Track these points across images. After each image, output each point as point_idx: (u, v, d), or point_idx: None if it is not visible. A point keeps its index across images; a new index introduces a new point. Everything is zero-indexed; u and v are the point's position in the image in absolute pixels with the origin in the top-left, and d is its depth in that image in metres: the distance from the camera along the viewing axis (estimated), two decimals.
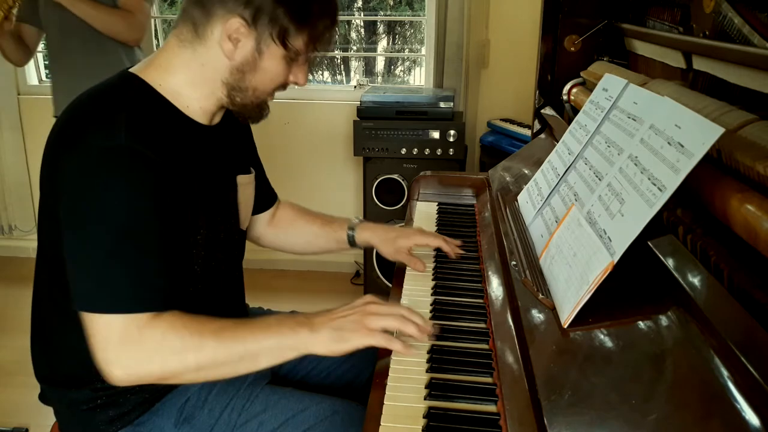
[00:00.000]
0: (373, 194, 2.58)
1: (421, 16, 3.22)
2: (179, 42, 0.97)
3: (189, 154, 0.98)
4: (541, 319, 0.89)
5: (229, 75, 0.97)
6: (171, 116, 0.97)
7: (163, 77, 0.97)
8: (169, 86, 0.97)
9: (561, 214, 1.04)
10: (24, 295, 1.06)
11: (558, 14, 1.60)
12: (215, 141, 1.05)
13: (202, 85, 0.98)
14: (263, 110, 1.04)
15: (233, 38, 0.93)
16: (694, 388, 0.63)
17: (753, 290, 0.65)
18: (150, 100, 0.96)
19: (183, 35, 0.96)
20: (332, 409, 1.04)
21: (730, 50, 0.95)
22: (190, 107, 0.99)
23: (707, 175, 0.79)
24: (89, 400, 1.02)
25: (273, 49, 0.95)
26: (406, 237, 1.26)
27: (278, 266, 3.05)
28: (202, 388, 1.07)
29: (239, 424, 1.04)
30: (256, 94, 1.00)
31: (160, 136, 0.93)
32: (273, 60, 0.96)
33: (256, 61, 0.95)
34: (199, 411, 1.05)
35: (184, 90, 0.98)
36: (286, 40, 0.94)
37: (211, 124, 1.04)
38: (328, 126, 2.97)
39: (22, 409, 2.10)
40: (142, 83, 0.96)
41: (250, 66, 0.96)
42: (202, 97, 0.99)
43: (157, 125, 0.94)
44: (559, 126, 1.48)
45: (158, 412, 1.05)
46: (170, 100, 0.97)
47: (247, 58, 0.95)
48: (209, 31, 0.94)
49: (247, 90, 0.98)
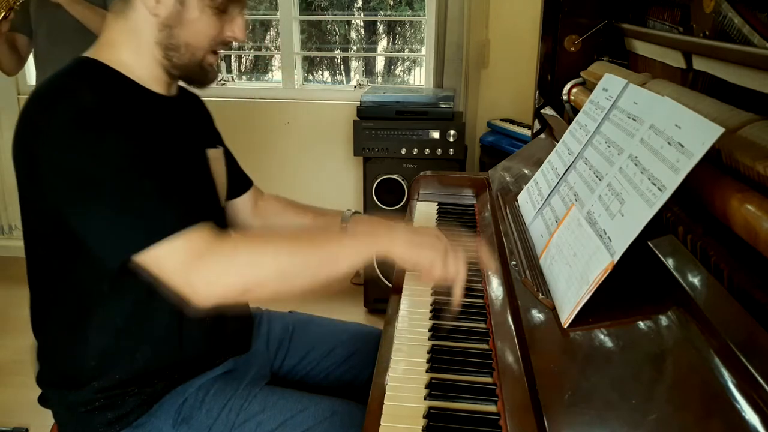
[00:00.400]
0: (373, 194, 2.58)
1: (421, 16, 3.22)
2: (114, 15, 0.98)
3: (155, 124, 0.98)
4: (541, 319, 0.89)
5: (159, 33, 0.96)
6: (130, 89, 0.97)
7: (111, 53, 0.98)
8: (119, 60, 0.97)
9: (561, 214, 1.04)
10: (24, 295, 1.07)
11: (558, 14, 1.60)
12: (177, 112, 1.05)
13: (141, 51, 0.98)
14: (207, 72, 1.03)
15: None
16: (694, 388, 0.63)
17: (753, 290, 0.65)
18: (108, 77, 0.96)
19: (116, 6, 0.98)
20: (331, 410, 1.04)
21: (730, 50, 0.95)
22: (143, 78, 0.99)
23: (707, 175, 0.79)
24: (88, 401, 1.02)
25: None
26: None
27: None
28: (200, 389, 1.06)
29: (237, 424, 1.03)
30: (191, 50, 0.98)
31: (124, 101, 0.93)
32: (197, 10, 0.96)
33: (181, 14, 0.95)
34: (197, 411, 1.04)
35: (130, 62, 0.98)
36: None
37: (169, 94, 1.04)
38: (328, 126, 2.97)
39: (22, 409, 2.10)
40: (95, 62, 0.97)
41: (176, 19, 0.95)
42: (147, 65, 0.99)
43: (119, 97, 0.94)
44: (559, 126, 1.48)
45: (156, 413, 1.04)
46: (125, 74, 0.97)
47: (171, 11, 0.95)
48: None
49: (180, 47, 0.98)
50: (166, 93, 1.03)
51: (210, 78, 1.04)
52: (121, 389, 1.02)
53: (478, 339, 0.97)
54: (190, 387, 1.06)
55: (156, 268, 0.87)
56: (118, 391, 1.02)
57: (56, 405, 1.08)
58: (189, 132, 1.07)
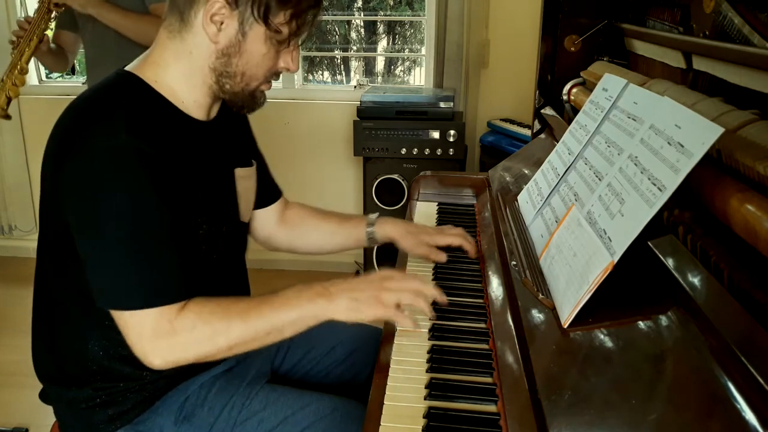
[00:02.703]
0: (373, 194, 2.57)
1: (421, 16, 3.22)
2: (168, 34, 0.97)
3: (186, 150, 0.98)
4: (541, 319, 0.89)
5: (216, 60, 0.96)
6: (168, 113, 0.97)
7: (157, 73, 0.97)
8: (165, 82, 0.97)
9: (561, 214, 1.04)
10: (24, 295, 1.07)
11: (558, 14, 1.60)
12: (212, 135, 1.05)
13: (193, 75, 0.98)
14: (256, 99, 1.04)
15: (216, 20, 0.93)
16: (694, 388, 0.63)
17: (753, 290, 0.65)
18: (147, 98, 0.96)
19: (171, 26, 0.97)
20: (332, 407, 1.04)
21: (730, 50, 0.95)
22: (185, 102, 0.99)
23: (707, 175, 0.79)
24: (89, 398, 1.02)
25: (256, 30, 0.94)
26: (429, 235, 1.26)
27: (278, 266, 3.05)
28: (202, 387, 1.07)
29: (239, 421, 1.04)
30: (245, 80, 0.99)
31: (158, 132, 0.93)
32: (257, 42, 0.95)
33: (241, 44, 0.95)
34: (198, 409, 1.05)
35: (177, 84, 0.98)
36: (269, 18, 0.94)
37: (208, 118, 1.04)
38: (328, 126, 2.97)
39: (22, 409, 2.10)
40: (138, 81, 0.96)
41: (235, 49, 0.96)
42: (195, 89, 0.99)
43: (155, 122, 0.94)
44: (559, 126, 1.48)
45: (158, 410, 1.05)
46: (166, 96, 0.97)
47: (231, 40, 0.95)
48: (193, 16, 0.94)
49: (236, 76, 0.98)
50: (205, 118, 1.03)
51: (258, 106, 1.06)
52: (123, 386, 1.02)
53: (478, 339, 0.97)
54: (192, 385, 1.07)
55: (120, 328, 0.91)
56: (120, 388, 1.02)
57: (57, 401, 1.08)
58: (220, 154, 1.07)
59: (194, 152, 1.00)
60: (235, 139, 1.15)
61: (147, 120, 0.93)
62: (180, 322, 0.90)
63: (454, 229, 1.28)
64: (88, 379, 1.02)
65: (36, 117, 3.10)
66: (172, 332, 0.90)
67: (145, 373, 1.02)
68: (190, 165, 0.98)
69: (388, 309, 0.95)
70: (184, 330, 0.90)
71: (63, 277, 1.00)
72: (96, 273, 0.91)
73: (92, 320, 0.99)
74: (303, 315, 0.94)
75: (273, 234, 1.32)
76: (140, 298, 0.89)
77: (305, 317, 0.95)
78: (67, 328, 1.02)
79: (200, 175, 1.00)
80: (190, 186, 0.97)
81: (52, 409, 1.10)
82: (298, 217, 1.33)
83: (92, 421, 1.03)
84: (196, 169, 0.99)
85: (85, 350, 1.01)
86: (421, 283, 1.00)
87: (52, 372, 1.07)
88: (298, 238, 1.33)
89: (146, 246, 0.90)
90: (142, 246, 0.89)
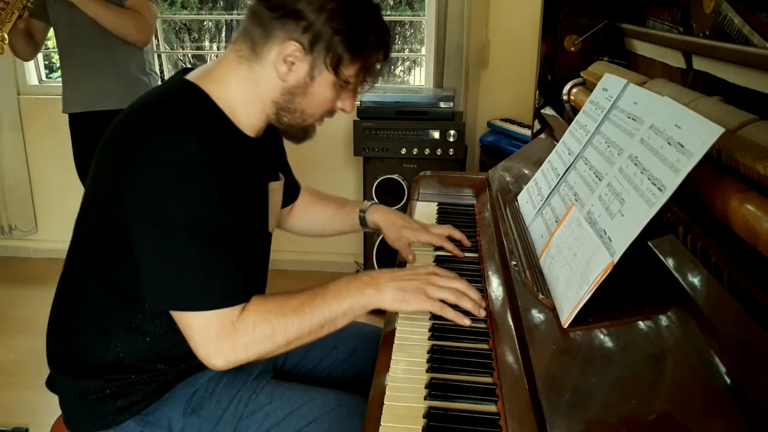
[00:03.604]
0: (373, 194, 2.58)
1: (421, 16, 3.22)
2: (237, 57, 1.00)
3: (237, 164, 1.00)
4: (541, 319, 0.89)
5: (280, 96, 1.00)
6: (226, 128, 1.00)
7: (219, 90, 1.00)
8: (226, 99, 1.00)
9: (561, 214, 1.04)
10: (24, 295, 1.07)
11: (558, 14, 1.60)
12: (255, 152, 1.07)
13: (253, 102, 1.01)
14: (308, 132, 1.08)
15: (288, 61, 0.96)
16: (694, 388, 0.63)
17: (753, 290, 0.65)
18: (210, 111, 0.99)
19: (241, 51, 0.99)
20: (337, 401, 1.05)
21: (730, 50, 0.95)
22: (241, 122, 1.02)
23: (707, 175, 0.79)
24: (99, 389, 1.03)
25: (325, 76, 0.98)
26: (411, 231, 1.28)
27: (278, 266, 3.05)
28: (210, 381, 1.08)
29: (246, 415, 1.05)
30: (304, 116, 1.03)
31: (220, 144, 0.96)
32: (323, 86, 0.99)
33: (308, 86, 0.99)
34: (206, 402, 1.06)
35: (237, 105, 1.01)
36: (339, 68, 0.97)
37: (256, 137, 1.07)
38: (328, 126, 2.95)
39: (22, 409, 2.10)
40: (202, 93, 0.99)
41: (301, 89, 0.99)
42: (252, 114, 1.02)
43: (217, 135, 0.97)
44: (559, 126, 1.48)
45: (167, 401, 1.06)
46: (225, 112, 1.00)
47: (300, 81, 0.98)
48: (266, 51, 0.97)
49: (296, 112, 1.02)
50: (254, 136, 1.06)
51: (308, 138, 1.09)
52: (134, 378, 1.04)
53: (478, 339, 0.97)
54: (200, 378, 1.08)
55: (183, 329, 0.94)
56: (131, 380, 1.04)
57: (65, 391, 1.09)
58: (260, 169, 1.11)
59: (241, 165, 1.02)
60: (272, 155, 1.19)
61: (211, 131, 0.95)
62: (241, 323, 0.93)
63: (438, 228, 1.30)
64: (101, 372, 1.03)
65: (36, 117, 3.10)
66: (234, 333, 0.93)
67: (159, 366, 1.04)
68: (240, 178, 1.00)
69: (434, 303, 0.98)
70: (245, 331, 0.93)
71: (97, 276, 1.02)
72: (160, 276, 0.92)
73: (120, 321, 1.02)
74: (353, 305, 0.98)
75: (284, 221, 1.39)
76: (208, 300, 0.92)
77: (355, 307, 0.98)
78: (92, 325, 1.04)
79: (243, 187, 1.03)
80: (236, 198, 1.00)
81: (51, 410, 1.10)
82: (303, 204, 1.40)
83: (101, 412, 1.04)
84: (243, 182, 1.02)
85: (106, 348, 1.03)
86: (466, 285, 1.02)
87: (65, 362, 1.08)
88: (301, 223, 1.42)
89: (213, 251, 0.92)
90: (209, 251, 0.92)
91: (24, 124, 3.12)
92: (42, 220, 3.25)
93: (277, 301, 0.96)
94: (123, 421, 1.04)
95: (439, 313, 0.99)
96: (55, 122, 3.04)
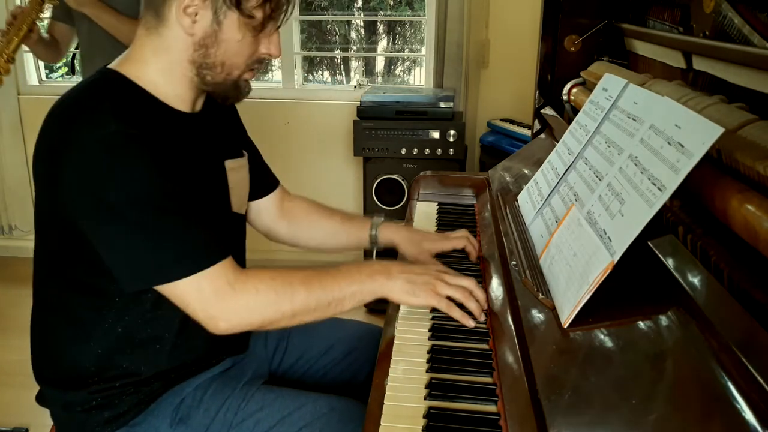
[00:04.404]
0: (373, 194, 2.57)
1: (421, 16, 3.22)
2: (146, 31, 0.97)
3: (174, 143, 0.97)
4: (541, 319, 0.89)
5: (194, 52, 0.96)
6: (153, 107, 0.97)
7: (139, 69, 0.97)
8: (147, 78, 0.97)
9: (561, 214, 1.04)
10: (24, 295, 1.07)
11: (558, 14, 1.60)
12: (199, 128, 1.04)
13: (173, 69, 0.97)
14: (240, 88, 1.03)
15: (189, 12, 0.92)
16: (694, 388, 0.63)
17: (753, 290, 0.65)
18: (131, 93, 0.96)
19: (148, 23, 0.96)
20: (329, 406, 1.04)
21: (730, 50, 0.95)
22: (168, 97, 0.99)
23: (707, 175, 0.79)
24: (85, 401, 1.02)
25: (231, 18, 0.94)
26: (432, 241, 1.25)
27: (278, 266, 3.05)
28: (198, 389, 1.07)
29: (235, 423, 1.04)
30: (226, 69, 0.98)
31: (145, 122, 0.93)
32: (233, 30, 0.95)
33: (217, 33, 0.94)
34: (194, 411, 1.05)
35: (158, 79, 0.97)
36: (241, 4, 0.93)
37: (194, 111, 1.04)
38: (328, 126, 2.97)
39: (22, 409, 2.10)
40: (121, 77, 0.96)
41: (212, 39, 0.95)
42: (176, 83, 0.98)
43: (140, 114, 0.94)
44: (559, 126, 1.48)
45: (153, 412, 1.04)
46: (150, 92, 0.97)
47: (207, 30, 0.94)
48: (167, 11, 0.93)
49: (215, 66, 0.97)
50: (190, 110, 1.03)
51: (243, 95, 1.04)
52: (119, 389, 1.02)
53: (478, 339, 0.97)
54: (187, 387, 1.06)
55: (178, 300, 0.92)
56: (115, 391, 1.02)
57: (53, 404, 1.08)
58: (209, 146, 1.07)
59: (182, 145, 0.99)
60: (224, 131, 1.14)
61: (133, 110, 0.93)
62: (240, 285, 0.92)
63: (458, 232, 1.27)
64: (85, 381, 1.01)
65: (36, 117, 3.09)
66: (233, 294, 0.91)
67: (142, 368, 1.02)
68: (178, 157, 0.97)
69: (441, 299, 0.98)
70: (246, 292, 0.92)
71: (62, 277, 1.00)
72: (128, 259, 0.90)
73: (93, 318, 0.99)
74: (363, 289, 0.97)
75: (273, 226, 1.31)
76: (188, 264, 0.90)
77: (364, 291, 0.97)
78: (68, 328, 1.02)
79: (189, 167, 1.00)
80: (183, 175, 0.97)
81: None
82: (301, 211, 1.32)
83: (88, 423, 1.03)
84: (185, 161, 0.99)
85: (85, 350, 1.01)
86: (474, 285, 1.02)
87: (50, 374, 1.06)
88: (299, 233, 1.33)
89: (169, 218, 0.90)
90: (165, 219, 0.90)
91: (24, 124, 3.11)
92: None
93: (281, 270, 0.95)
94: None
95: (445, 311, 0.98)
96: None
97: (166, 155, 0.93)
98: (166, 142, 0.95)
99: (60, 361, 1.05)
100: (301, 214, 1.32)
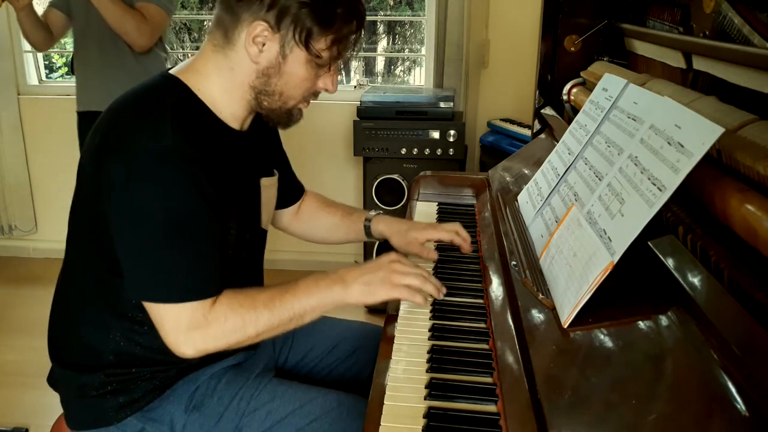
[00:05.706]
0: (373, 194, 2.57)
1: (421, 16, 3.22)
2: (213, 47, 1.00)
3: (222, 157, 1.00)
4: (541, 319, 0.89)
5: (256, 79, 0.99)
6: (208, 121, 1.00)
7: (200, 81, 1.00)
8: (207, 91, 1.00)
9: (561, 214, 1.04)
10: (24, 294, 1.07)
11: (558, 14, 1.60)
12: (245, 146, 1.07)
13: (233, 90, 1.00)
14: (292, 116, 1.07)
15: (258, 42, 0.95)
16: (694, 388, 0.63)
17: (753, 290, 0.65)
18: (190, 103, 0.99)
19: (216, 40, 0.99)
20: (338, 401, 1.06)
21: (730, 50, 0.95)
22: (223, 113, 1.02)
23: (707, 175, 0.79)
24: (100, 385, 1.04)
25: (297, 53, 0.97)
26: (418, 230, 1.27)
27: (278, 266, 3.05)
28: (212, 378, 1.09)
29: (248, 412, 1.06)
30: (283, 98, 1.02)
31: (200, 137, 0.96)
32: (297, 64, 0.98)
33: (281, 65, 0.98)
34: (208, 399, 1.07)
35: (217, 95, 1.01)
36: (310, 42, 0.96)
37: (242, 129, 1.06)
38: (328, 126, 2.97)
39: (22, 409, 2.10)
40: (183, 86, 0.99)
41: (275, 70, 0.98)
42: (233, 103, 1.02)
43: (198, 127, 0.97)
44: (559, 126, 1.48)
45: (168, 398, 1.07)
46: (208, 105, 1.00)
47: (272, 61, 0.97)
48: (237, 36, 0.97)
49: (274, 95, 1.01)
50: (239, 128, 1.05)
51: (294, 122, 1.08)
52: (135, 374, 1.04)
53: (478, 339, 0.97)
54: (202, 375, 1.08)
55: (154, 319, 0.95)
56: (132, 376, 1.04)
57: (67, 387, 1.09)
58: (249, 164, 1.10)
59: (229, 160, 1.02)
60: (265, 150, 1.18)
61: (191, 124, 0.95)
62: (213, 315, 0.95)
63: (448, 225, 1.29)
64: (102, 364, 1.04)
65: (36, 117, 3.10)
66: (205, 324, 0.94)
67: (157, 357, 1.04)
68: (224, 172, 1.00)
69: (401, 289, 1.01)
70: (216, 321, 0.95)
71: (91, 269, 1.03)
72: (135, 267, 0.94)
73: (116, 312, 1.02)
74: (321, 302, 1.00)
75: (289, 226, 1.39)
76: (180, 292, 0.93)
77: (324, 303, 1.00)
78: (90, 317, 1.05)
79: (232, 182, 1.02)
80: (224, 192, 1.00)
81: (51, 410, 1.10)
82: (309, 210, 1.39)
83: (102, 408, 1.04)
84: (229, 176, 1.02)
85: (106, 338, 1.03)
86: (426, 271, 1.05)
87: (66, 355, 1.08)
88: (309, 230, 1.40)
89: (186, 243, 0.93)
90: (182, 243, 0.93)
91: (24, 124, 3.11)
92: (42, 220, 3.25)
93: (249, 294, 0.98)
94: (124, 418, 1.04)
95: (408, 298, 1.01)
96: (55, 122, 3.04)
97: (210, 174, 0.95)
98: (214, 159, 0.97)
99: (78, 345, 1.06)
100: (309, 213, 1.39)
